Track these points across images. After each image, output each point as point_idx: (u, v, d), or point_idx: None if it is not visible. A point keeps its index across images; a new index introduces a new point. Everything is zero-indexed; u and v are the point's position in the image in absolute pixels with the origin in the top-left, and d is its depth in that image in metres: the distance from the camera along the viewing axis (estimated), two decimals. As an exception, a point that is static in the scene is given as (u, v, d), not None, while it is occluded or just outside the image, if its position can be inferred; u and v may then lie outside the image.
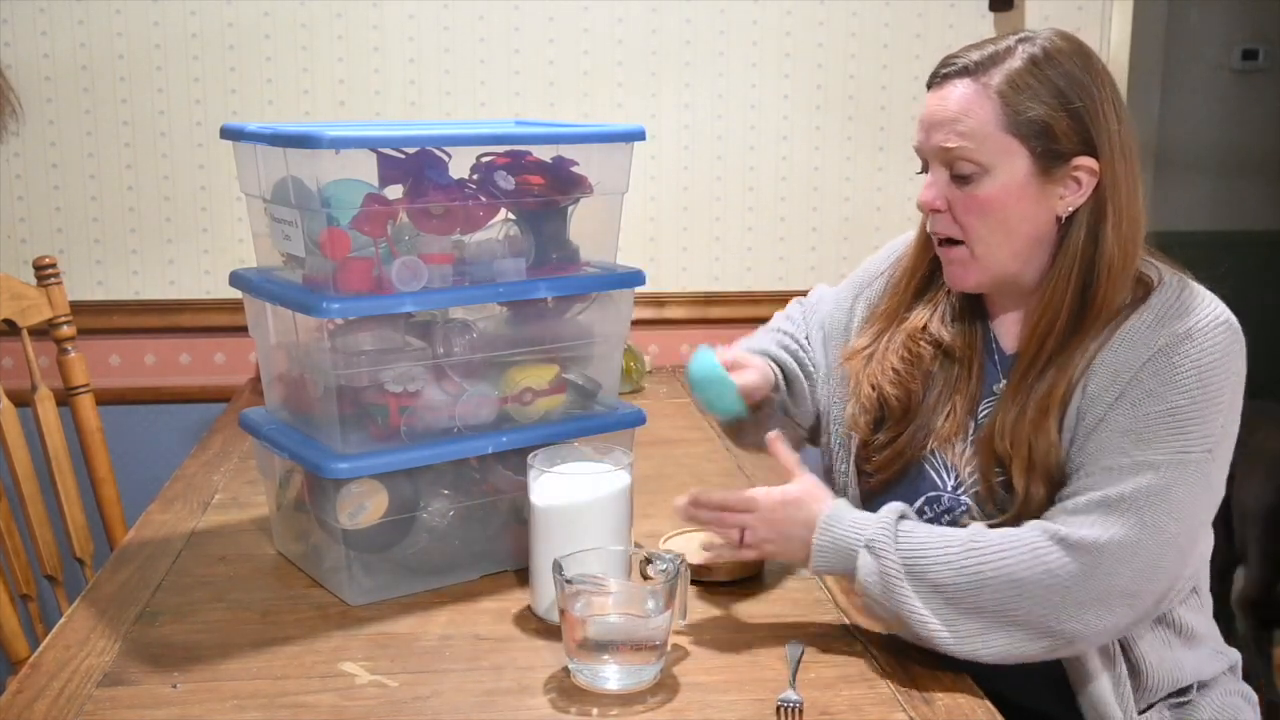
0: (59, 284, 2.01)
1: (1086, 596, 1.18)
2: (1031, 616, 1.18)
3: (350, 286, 1.31)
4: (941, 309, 1.38)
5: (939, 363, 1.37)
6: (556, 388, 1.46)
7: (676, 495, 1.32)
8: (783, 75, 2.46)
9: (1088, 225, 1.26)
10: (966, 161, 1.25)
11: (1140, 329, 1.24)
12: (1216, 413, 1.21)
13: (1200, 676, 1.35)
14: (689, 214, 2.50)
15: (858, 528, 1.24)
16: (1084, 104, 1.24)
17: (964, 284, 1.33)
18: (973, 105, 1.25)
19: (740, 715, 1.13)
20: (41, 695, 1.15)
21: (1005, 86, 1.24)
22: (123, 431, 2.40)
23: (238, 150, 1.43)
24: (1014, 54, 1.26)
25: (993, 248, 1.28)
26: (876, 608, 1.23)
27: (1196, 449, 1.20)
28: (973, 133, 1.25)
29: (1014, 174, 1.25)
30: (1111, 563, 1.18)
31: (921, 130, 1.30)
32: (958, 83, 1.26)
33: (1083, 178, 1.25)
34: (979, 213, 1.27)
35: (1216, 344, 1.22)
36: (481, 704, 1.15)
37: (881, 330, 1.41)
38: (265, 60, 2.35)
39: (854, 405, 1.40)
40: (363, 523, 1.35)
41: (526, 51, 2.40)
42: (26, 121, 2.29)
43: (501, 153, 1.40)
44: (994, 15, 2.46)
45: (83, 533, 1.96)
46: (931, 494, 1.35)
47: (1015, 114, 1.24)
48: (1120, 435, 1.21)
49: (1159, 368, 1.21)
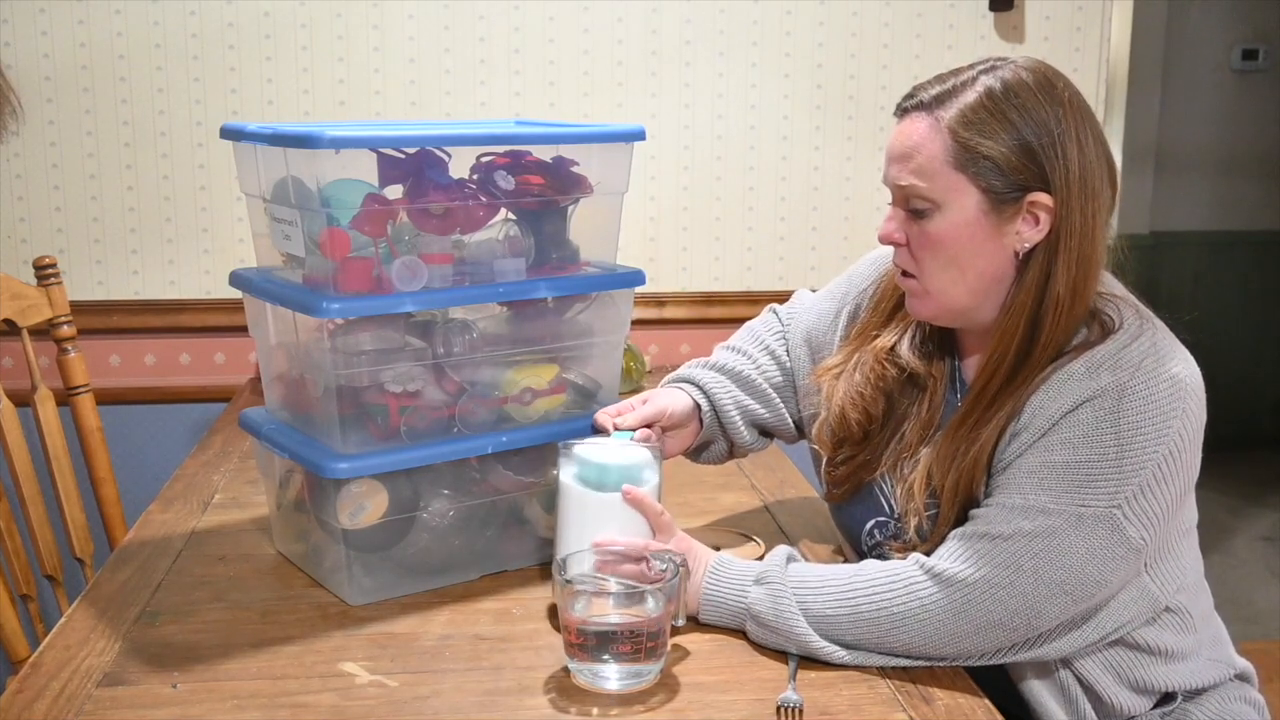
0: (59, 284, 2.01)
1: (959, 629, 1.20)
2: (910, 647, 1.21)
3: (350, 286, 1.31)
4: (912, 332, 1.37)
5: (901, 388, 1.36)
6: (556, 388, 1.46)
7: (676, 496, 1.33)
8: (783, 75, 2.46)
9: (1043, 263, 1.23)
10: (919, 198, 1.24)
11: (1075, 374, 1.21)
12: (1136, 471, 1.18)
13: (1190, 684, 1.33)
14: (689, 214, 2.50)
15: (747, 568, 1.29)
16: (1039, 139, 1.21)
17: (921, 316, 1.32)
18: (924, 141, 1.23)
19: (740, 715, 1.13)
20: (41, 695, 1.15)
21: (956, 122, 1.22)
22: (123, 431, 2.39)
23: (238, 150, 1.43)
24: (972, 86, 1.23)
25: (945, 284, 1.26)
26: (769, 635, 1.24)
27: (1099, 504, 1.18)
28: (922, 169, 1.23)
29: (964, 211, 1.23)
30: (983, 599, 1.19)
31: (885, 163, 1.29)
32: (916, 117, 1.25)
33: (1040, 214, 1.22)
34: (931, 248, 1.25)
35: (1151, 403, 1.18)
36: (481, 704, 1.15)
37: (853, 350, 1.41)
38: (265, 60, 2.35)
39: (821, 422, 1.41)
40: (363, 523, 1.35)
41: (527, 51, 2.40)
42: (27, 121, 2.29)
43: (501, 153, 1.40)
44: (994, 15, 2.46)
45: (83, 533, 1.96)
46: (880, 519, 1.37)
47: (964, 150, 1.21)
48: (1025, 475, 1.21)
49: (1080, 419, 1.19)
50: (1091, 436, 1.19)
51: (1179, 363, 1.22)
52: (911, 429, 1.34)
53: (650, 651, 1.17)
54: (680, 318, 2.53)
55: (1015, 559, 1.18)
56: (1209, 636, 1.36)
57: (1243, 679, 1.40)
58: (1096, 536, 1.18)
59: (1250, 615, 3.33)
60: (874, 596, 1.21)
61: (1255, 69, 4.50)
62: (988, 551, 1.19)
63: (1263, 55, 4.48)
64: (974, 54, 2.46)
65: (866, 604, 1.21)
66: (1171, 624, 1.31)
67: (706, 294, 2.53)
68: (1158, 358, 1.21)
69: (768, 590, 1.24)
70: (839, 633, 1.22)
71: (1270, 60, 4.50)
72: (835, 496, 1.42)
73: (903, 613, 1.20)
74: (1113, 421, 1.18)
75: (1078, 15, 2.49)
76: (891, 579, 1.22)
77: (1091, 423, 1.19)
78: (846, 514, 1.42)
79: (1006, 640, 1.21)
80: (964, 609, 1.19)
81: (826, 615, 1.22)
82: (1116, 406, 1.18)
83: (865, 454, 1.37)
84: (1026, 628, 1.20)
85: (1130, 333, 1.23)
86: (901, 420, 1.35)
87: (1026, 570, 1.18)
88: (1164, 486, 1.20)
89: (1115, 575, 1.21)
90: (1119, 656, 1.28)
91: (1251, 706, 1.39)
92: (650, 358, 2.48)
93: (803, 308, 1.57)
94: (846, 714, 1.14)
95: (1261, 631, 3.24)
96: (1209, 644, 1.36)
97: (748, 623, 1.26)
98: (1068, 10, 2.48)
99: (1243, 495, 4.14)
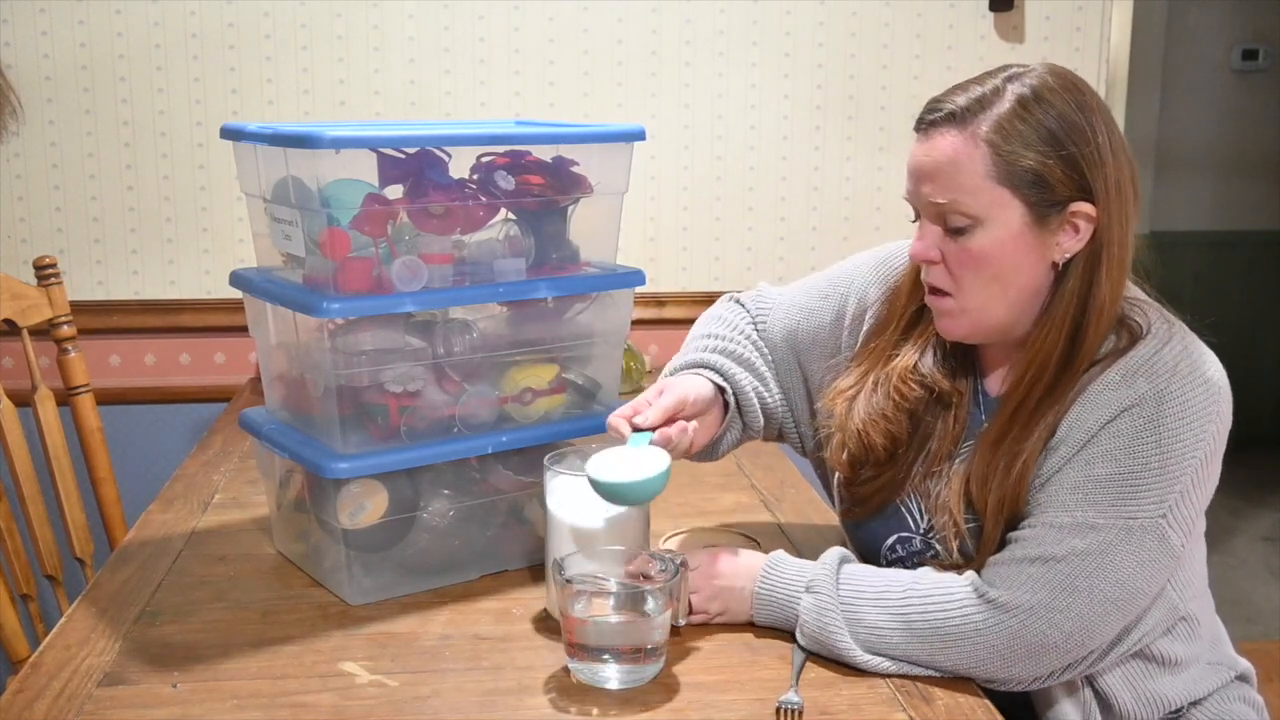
0: (59, 284, 2.01)
1: (1013, 654, 1.18)
2: (959, 666, 1.19)
3: (350, 286, 1.31)
4: (933, 348, 1.33)
5: (925, 406, 1.32)
6: (556, 388, 1.46)
7: (676, 496, 1.33)
8: (782, 75, 2.46)
9: (1083, 271, 1.21)
10: (959, 214, 1.20)
11: (1110, 383, 1.19)
12: (1177, 478, 1.17)
13: (1193, 696, 1.33)
14: (689, 214, 2.50)
15: (800, 570, 1.26)
16: (1079, 148, 1.18)
17: (953, 335, 1.28)
18: (961, 156, 1.19)
19: (740, 715, 1.13)
20: (42, 695, 1.15)
21: (994, 134, 1.18)
22: (123, 431, 2.39)
23: (238, 150, 1.43)
24: (1002, 96, 1.19)
25: (985, 300, 1.23)
26: (813, 644, 1.23)
27: (1146, 514, 1.17)
28: (963, 186, 1.19)
29: (1008, 226, 1.20)
30: (1039, 624, 1.17)
31: (910, 180, 1.24)
32: (945, 131, 1.20)
33: (1080, 223, 1.20)
34: (973, 266, 1.21)
35: (1189, 408, 1.17)
36: (481, 704, 1.15)
37: (867, 371, 1.35)
38: (265, 60, 2.35)
39: (838, 445, 1.35)
40: (363, 523, 1.35)
41: (526, 51, 2.40)
42: (27, 121, 2.29)
43: (501, 153, 1.40)
44: (994, 15, 2.46)
45: (83, 533, 1.96)
46: (903, 534, 1.34)
47: (1007, 164, 1.18)
48: (1069, 491, 1.19)
49: (1119, 429, 1.18)
50: (1133, 446, 1.17)
51: (1210, 365, 1.21)
52: (937, 446, 1.31)
53: (650, 652, 1.17)
54: (680, 318, 2.53)
55: (1070, 580, 1.16)
56: (1210, 638, 1.36)
57: (1243, 680, 1.40)
58: (1145, 547, 1.17)
59: (1250, 615, 3.33)
60: (929, 613, 1.19)
61: (1255, 69, 4.50)
62: (1042, 575, 1.17)
63: (1263, 55, 4.48)
64: (974, 54, 2.47)
65: (920, 619, 1.19)
66: (1182, 633, 1.30)
67: (706, 294, 2.53)
68: (1191, 362, 1.20)
69: (815, 601, 1.22)
70: (888, 646, 1.20)
71: (1270, 60, 4.50)
72: (855, 515, 1.38)
73: (957, 633, 1.18)
74: (1153, 429, 1.17)
75: (1078, 15, 2.49)
76: (946, 597, 1.19)
77: (1131, 432, 1.17)
78: (865, 530, 1.38)
79: (1059, 663, 1.19)
80: (1020, 634, 1.17)
81: (880, 627, 1.20)
82: (1156, 414, 1.17)
83: (890, 474, 1.33)
84: (1079, 649, 1.18)
85: (1159, 337, 1.21)
86: (926, 438, 1.32)
87: (1082, 590, 1.16)
88: (1200, 491, 1.20)
89: (1158, 584, 1.21)
90: (1135, 668, 1.28)
91: (1251, 707, 1.39)
92: (650, 358, 2.48)
93: (778, 305, 1.50)
94: (846, 714, 1.14)
95: (1261, 631, 3.24)
96: (1209, 646, 1.36)
97: (796, 629, 1.25)
98: (1068, 10, 2.48)
99: (1243, 495, 4.14)
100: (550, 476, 1.29)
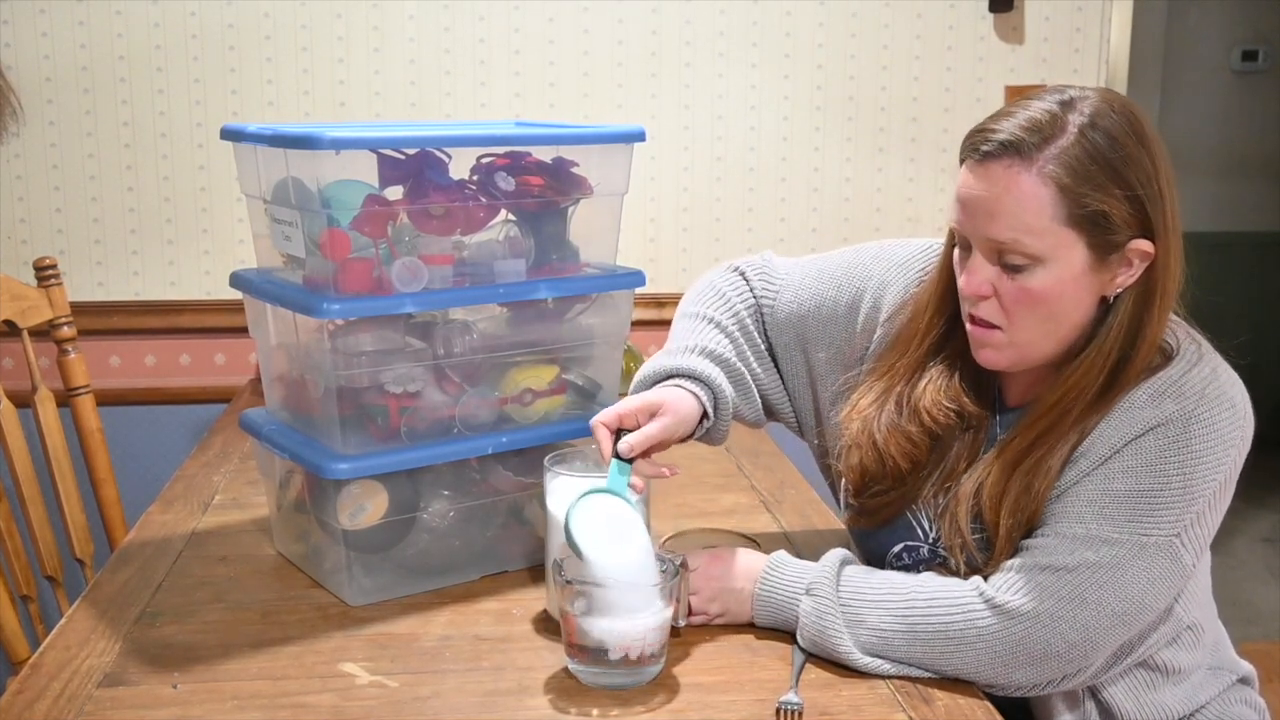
0: (59, 285, 2.01)
1: (1016, 660, 1.17)
2: (961, 671, 1.19)
3: (350, 287, 1.31)
4: (958, 369, 1.29)
5: (948, 426, 1.30)
6: (556, 388, 1.46)
7: (676, 496, 1.32)
8: (782, 75, 2.46)
9: (1133, 305, 1.19)
10: (1019, 254, 1.16)
11: (1138, 402, 1.18)
12: (1195, 499, 1.17)
13: (1195, 703, 1.33)
14: (689, 214, 2.50)
15: (801, 572, 1.26)
16: (1145, 189, 1.15)
17: (996, 366, 1.25)
18: (1027, 195, 1.14)
19: (740, 716, 1.13)
20: (42, 696, 1.15)
21: (1063, 174, 1.13)
22: (123, 432, 2.39)
23: (238, 151, 1.43)
24: (1065, 129, 1.14)
25: (1037, 336, 1.20)
26: (813, 646, 1.23)
27: (1161, 533, 1.16)
28: (1029, 227, 1.14)
29: (1071, 266, 1.16)
30: (1043, 632, 1.16)
31: (963, 212, 1.19)
32: (1006, 164, 1.14)
33: (1135, 259, 1.18)
34: (1029, 304, 1.18)
35: (1215, 432, 1.17)
36: (481, 704, 1.15)
37: (889, 388, 1.31)
38: (265, 61, 2.35)
39: (853, 459, 1.33)
40: (363, 523, 1.35)
41: (527, 52, 2.40)
42: (27, 122, 2.29)
43: (502, 153, 1.40)
44: (994, 16, 2.46)
45: (83, 533, 1.96)
46: (911, 543, 1.33)
47: (1077, 206, 1.14)
48: (1085, 504, 1.18)
49: (1143, 447, 1.17)
50: (1155, 465, 1.16)
51: (1236, 388, 1.20)
52: (954, 463, 1.29)
53: (650, 652, 1.17)
54: (680, 318, 2.53)
55: (1079, 591, 1.16)
56: (1211, 643, 1.36)
57: (1244, 682, 1.40)
58: (1157, 564, 1.17)
59: (1250, 616, 3.33)
60: (932, 616, 1.18)
61: (1255, 70, 4.50)
62: (1050, 584, 1.16)
63: (1263, 56, 4.48)
64: (974, 55, 2.47)
65: (923, 623, 1.19)
66: (1187, 642, 1.30)
67: (706, 294, 2.53)
68: (1219, 385, 1.19)
69: (815, 604, 1.22)
70: (890, 648, 1.19)
71: (1270, 61, 4.50)
72: (862, 523, 1.37)
73: (960, 638, 1.17)
74: (1177, 450, 1.16)
75: (1078, 15, 2.49)
76: (951, 600, 1.19)
77: (1155, 451, 1.16)
78: (871, 537, 1.37)
79: (1060, 671, 1.19)
80: (1023, 641, 1.16)
81: (882, 630, 1.20)
82: (1182, 435, 1.16)
83: (904, 490, 1.31)
84: (1082, 659, 1.18)
85: (1188, 359, 1.20)
86: (945, 455, 1.30)
87: (1090, 602, 1.16)
88: (1215, 511, 1.20)
89: (1166, 601, 1.20)
90: (1138, 678, 1.28)
91: (1252, 709, 1.38)
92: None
93: (787, 285, 1.45)
94: (846, 714, 1.14)
95: (1261, 632, 3.24)
96: (1211, 652, 1.36)
97: (796, 630, 1.25)
98: (1068, 10, 2.48)
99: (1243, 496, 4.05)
100: (550, 477, 1.30)
